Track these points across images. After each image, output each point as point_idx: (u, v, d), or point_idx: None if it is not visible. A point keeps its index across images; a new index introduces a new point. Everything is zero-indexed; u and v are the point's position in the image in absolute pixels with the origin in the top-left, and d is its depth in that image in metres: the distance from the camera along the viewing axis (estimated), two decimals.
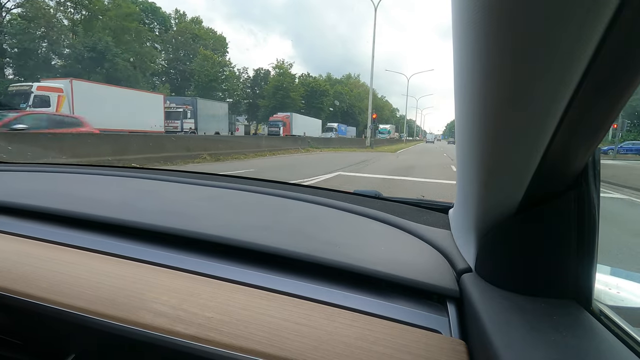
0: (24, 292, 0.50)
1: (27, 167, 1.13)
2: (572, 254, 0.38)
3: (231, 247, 0.59)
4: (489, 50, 0.28)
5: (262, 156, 13.46)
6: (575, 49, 0.25)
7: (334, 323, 0.43)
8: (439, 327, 0.45)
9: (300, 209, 0.82)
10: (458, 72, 0.35)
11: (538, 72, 0.27)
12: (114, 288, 0.50)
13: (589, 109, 0.29)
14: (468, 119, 0.36)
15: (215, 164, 10.00)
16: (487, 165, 0.37)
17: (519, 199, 0.38)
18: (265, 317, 0.44)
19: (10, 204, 0.74)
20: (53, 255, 0.58)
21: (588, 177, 0.36)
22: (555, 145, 0.32)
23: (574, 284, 0.38)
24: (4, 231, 0.66)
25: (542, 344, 0.31)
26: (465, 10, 0.28)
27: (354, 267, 0.52)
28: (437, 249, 0.61)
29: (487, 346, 0.33)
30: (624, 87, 0.28)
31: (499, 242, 0.42)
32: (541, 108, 0.29)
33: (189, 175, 1.09)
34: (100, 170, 1.11)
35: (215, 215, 0.73)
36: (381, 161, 13.71)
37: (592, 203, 0.36)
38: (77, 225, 0.68)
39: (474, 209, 0.44)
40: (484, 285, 0.44)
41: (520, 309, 0.37)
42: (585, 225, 0.37)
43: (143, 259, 0.57)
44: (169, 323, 0.43)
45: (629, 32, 0.24)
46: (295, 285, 0.52)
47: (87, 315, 0.46)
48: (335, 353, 0.39)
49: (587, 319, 0.36)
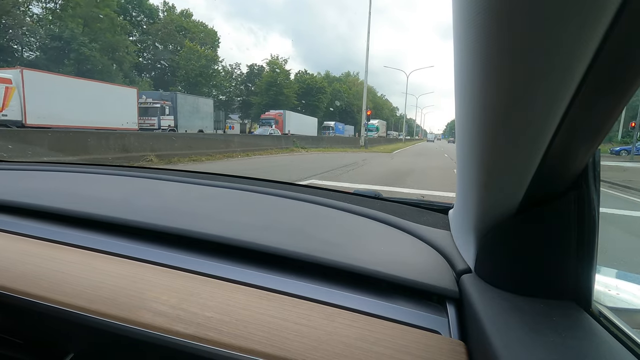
0: (25, 291, 0.50)
1: (28, 166, 1.12)
2: (572, 255, 0.37)
3: (231, 247, 0.58)
4: (489, 51, 0.28)
5: (231, 157, 11.51)
6: (576, 49, 0.25)
7: (334, 323, 0.43)
8: (439, 327, 0.45)
9: (300, 209, 0.81)
10: (458, 72, 0.34)
11: (538, 73, 0.27)
12: (114, 287, 0.50)
13: (589, 110, 0.29)
14: (468, 119, 0.36)
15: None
16: (487, 165, 0.37)
17: (519, 199, 0.38)
18: (264, 317, 0.44)
19: (11, 203, 0.74)
20: (53, 255, 0.58)
21: (588, 178, 0.36)
22: (556, 146, 0.32)
23: (574, 285, 0.38)
24: (5, 230, 0.66)
25: (542, 345, 0.32)
26: (466, 10, 0.28)
27: (353, 267, 0.52)
28: (437, 249, 0.61)
29: (487, 347, 0.33)
30: (625, 87, 0.27)
31: (498, 243, 0.42)
32: (541, 108, 0.29)
33: (189, 175, 1.09)
34: (101, 169, 1.10)
35: (215, 215, 0.72)
36: (372, 164, 11.72)
37: (592, 204, 0.36)
38: (78, 225, 0.68)
39: (474, 210, 0.43)
40: (483, 286, 0.43)
41: (519, 310, 0.37)
42: (585, 226, 0.37)
43: (143, 258, 0.57)
44: (168, 322, 0.44)
45: (630, 33, 0.24)
46: (295, 285, 0.51)
47: (88, 314, 0.46)
48: (335, 353, 0.39)
49: (587, 320, 0.36)
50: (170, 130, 21.11)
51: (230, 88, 48.33)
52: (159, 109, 21.27)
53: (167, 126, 21.55)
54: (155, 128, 21.02)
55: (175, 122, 22.16)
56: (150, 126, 21.05)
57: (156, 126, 21.11)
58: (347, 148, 21.15)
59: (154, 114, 21.23)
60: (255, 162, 10.59)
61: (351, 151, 19.04)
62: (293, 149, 16.46)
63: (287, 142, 17.06)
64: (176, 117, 22.26)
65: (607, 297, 0.50)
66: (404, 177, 8.40)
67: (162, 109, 21.38)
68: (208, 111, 25.89)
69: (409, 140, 68.61)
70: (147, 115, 21.20)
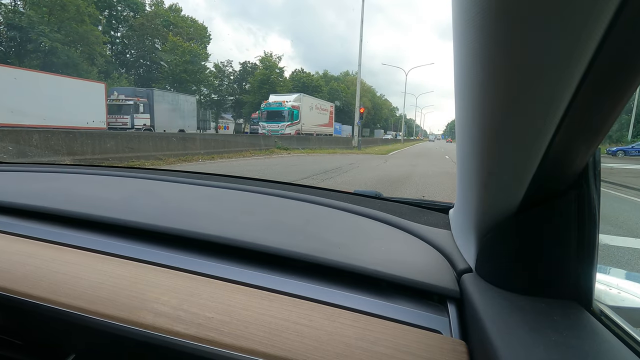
0: (25, 293, 0.50)
1: (28, 167, 1.12)
2: (573, 255, 0.37)
3: (231, 247, 0.58)
4: (489, 51, 0.28)
5: (188, 162, 9.56)
6: (576, 49, 0.25)
7: (335, 323, 0.43)
8: (440, 327, 0.45)
9: (300, 209, 0.81)
10: (458, 72, 0.34)
11: (538, 73, 0.27)
12: (115, 288, 0.50)
13: (589, 109, 0.29)
14: (468, 119, 0.36)
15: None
16: (487, 165, 0.37)
17: (519, 199, 0.38)
18: (265, 317, 0.44)
19: (10, 204, 0.74)
20: (54, 256, 0.58)
21: (588, 178, 0.36)
22: (556, 146, 0.32)
23: (575, 284, 0.38)
24: (5, 231, 0.66)
25: (543, 345, 0.31)
26: (466, 10, 0.28)
27: (354, 267, 0.52)
28: (438, 249, 0.61)
29: (488, 346, 0.33)
30: (625, 87, 0.27)
31: (499, 242, 0.42)
32: (541, 108, 0.29)
33: (189, 175, 1.08)
34: (101, 170, 1.10)
35: (215, 215, 0.72)
36: (360, 169, 9.75)
37: (593, 203, 0.36)
38: (78, 226, 0.68)
39: (474, 209, 0.43)
40: (484, 285, 0.43)
41: (520, 310, 0.37)
42: (585, 226, 0.37)
43: (144, 259, 0.57)
44: (169, 323, 0.44)
45: (630, 32, 0.24)
46: (296, 285, 0.51)
47: (88, 315, 0.46)
48: (336, 353, 0.39)
49: (588, 319, 0.36)
50: (146, 130, 19.14)
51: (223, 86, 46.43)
52: (132, 106, 19.27)
53: (142, 125, 19.54)
54: (129, 127, 19.04)
55: (152, 120, 20.15)
56: (123, 125, 19.09)
57: (129, 125, 19.14)
58: (337, 149, 19.10)
59: (127, 111, 19.25)
60: (210, 169, 8.62)
61: (341, 153, 16.99)
62: (274, 150, 14.50)
63: (268, 143, 15.11)
64: (153, 116, 20.23)
65: (608, 296, 0.50)
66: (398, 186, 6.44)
67: (135, 106, 19.38)
68: (190, 109, 23.83)
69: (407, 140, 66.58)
70: (120, 113, 19.25)
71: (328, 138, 26.04)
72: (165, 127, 20.76)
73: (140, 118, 19.54)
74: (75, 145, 7.82)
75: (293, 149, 15.96)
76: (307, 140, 19.83)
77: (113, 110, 19.08)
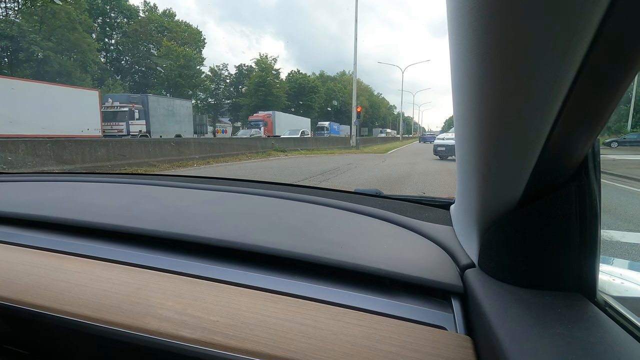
0: (29, 302, 0.50)
1: (28, 177, 1.12)
2: (575, 246, 0.37)
3: (234, 250, 0.58)
4: (484, 44, 0.28)
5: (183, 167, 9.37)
6: (573, 39, 0.25)
7: (340, 323, 0.43)
8: (444, 323, 0.45)
9: (301, 210, 0.81)
10: (455, 66, 0.34)
11: (535, 64, 0.27)
12: (118, 295, 0.50)
13: (587, 100, 0.29)
14: (466, 112, 0.35)
15: None
16: (486, 159, 0.37)
17: (519, 192, 0.38)
18: (270, 319, 0.44)
19: (12, 215, 0.74)
20: (57, 264, 0.58)
21: (588, 169, 0.36)
22: (554, 138, 0.32)
23: (578, 276, 0.38)
24: (7, 242, 0.66)
25: (548, 337, 0.31)
26: (460, 4, 0.28)
27: (357, 266, 0.52)
28: (440, 245, 0.61)
29: (493, 341, 0.33)
30: (622, 77, 0.27)
31: (501, 237, 0.41)
32: (539, 100, 0.29)
33: (189, 180, 1.08)
34: (101, 177, 1.10)
35: (216, 219, 0.72)
36: (358, 169, 9.57)
37: (594, 194, 0.36)
38: (80, 234, 0.68)
39: (475, 204, 0.43)
40: (487, 280, 0.43)
41: (524, 303, 0.37)
42: (587, 217, 0.37)
43: (146, 265, 0.57)
44: (174, 328, 0.44)
45: (626, 22, 0.24)
46: (300, 286, 0.51)
47: (92, 323, 0.46)
48: (342, 353, 0.39)
49: (592, 310, 0.36)
50: (142, 136, 18.97)
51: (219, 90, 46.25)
52: (128, 113, 19.10)
53: (138, 132, 19.39)
54: (124, 134, 18.88)
55: (148, 127, 19.99)
56: (119, 132, 18.91)
57: (125, 132, 18.96)
58: (335, 149, 18.93)
59: (122, 118, 19.06)
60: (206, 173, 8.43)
61: (339, 153, 16.82)
62: (271, 152, 14.32)
63: (265, 145, 14.93)
64: (148, 122, 20.10)
65: (612, 287, 0.50)
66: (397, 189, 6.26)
67: (130, 112, 19.22)
68: (186, 114, 23.65)
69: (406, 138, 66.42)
70: (115, 120, 19.05)
71: (328, 138, 25.89)
72: (162, 133, 20.61)
73: (136, 124, 19.38)
74: (64, 154, 7.63)
75: (291, 150, 15.79)
76: (306, 141, 19.70)
77: (108, 117, 18.89)
